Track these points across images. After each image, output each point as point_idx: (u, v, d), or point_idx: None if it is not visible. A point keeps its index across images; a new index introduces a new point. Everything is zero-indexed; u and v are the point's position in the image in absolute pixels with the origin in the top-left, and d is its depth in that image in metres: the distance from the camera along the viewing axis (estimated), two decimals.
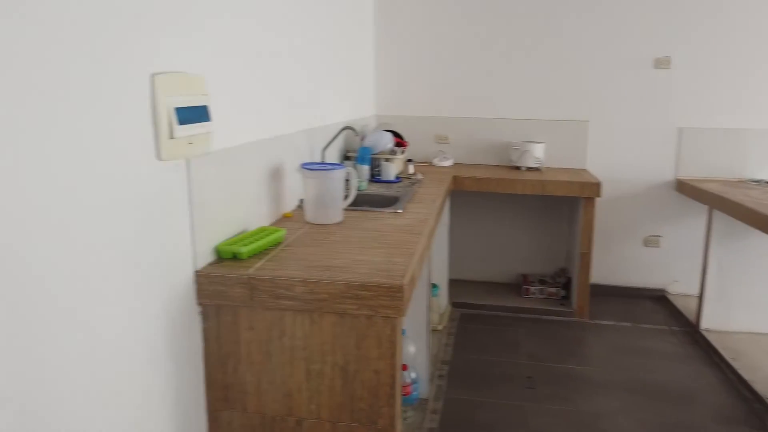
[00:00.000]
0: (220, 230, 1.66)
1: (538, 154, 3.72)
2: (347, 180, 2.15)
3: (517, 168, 3.76)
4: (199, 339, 1.57)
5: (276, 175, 2.08)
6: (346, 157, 3.11)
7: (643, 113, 3.76)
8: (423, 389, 2.65)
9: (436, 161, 3.82)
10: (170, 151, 1.37)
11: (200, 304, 1.55)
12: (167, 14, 1.37)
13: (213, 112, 1.55)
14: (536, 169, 3.72)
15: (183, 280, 1.49)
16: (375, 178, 3.05)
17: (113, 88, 1.19)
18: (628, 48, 3.69)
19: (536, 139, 3.84)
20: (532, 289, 3.82)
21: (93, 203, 1.15)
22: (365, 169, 2.91)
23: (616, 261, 3.95)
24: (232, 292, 1.52)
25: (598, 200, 3.45)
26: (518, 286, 3.94)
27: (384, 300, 1.45)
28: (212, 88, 1.58)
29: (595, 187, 3.39)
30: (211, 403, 1.60)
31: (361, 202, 2.52)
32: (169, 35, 1.38)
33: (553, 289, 3.79)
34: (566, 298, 3.74)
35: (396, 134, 3.49)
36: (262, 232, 1.79)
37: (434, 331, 3.22)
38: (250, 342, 1.55)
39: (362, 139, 3.03)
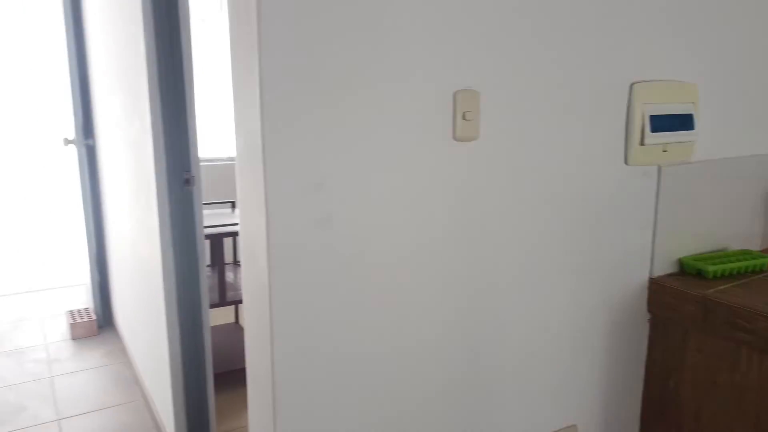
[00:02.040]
0: (687, 243, 1.59)
1: None
2: None
3: None
4: (644, 347, 1.56)
5: None
6: None
7: None
8: None
9: None
10: (639, 157, 1.40)
11: (650, 311, 1.54)
12: (654, 25, 1.39)
13: (701, 120, 1.49)
14: None
15: (635, 284, 1.51)
16: None
17: (593, 96, 1.32)
18: None
19: None
20: None
21: (564, 199, 1.32)
22: None
23: None
24: (684, 308, 1.45)
25: None
26: None
27: None
28: (703, 94, 1.51)
29: None
30: (645, 413, 1.58)
31: None
32: (655, 43, 1.40)
33: None
34: None
35: None
36: (743, 254, 1.61)
37: None
38: (695, 366, 1.45)
39: None
